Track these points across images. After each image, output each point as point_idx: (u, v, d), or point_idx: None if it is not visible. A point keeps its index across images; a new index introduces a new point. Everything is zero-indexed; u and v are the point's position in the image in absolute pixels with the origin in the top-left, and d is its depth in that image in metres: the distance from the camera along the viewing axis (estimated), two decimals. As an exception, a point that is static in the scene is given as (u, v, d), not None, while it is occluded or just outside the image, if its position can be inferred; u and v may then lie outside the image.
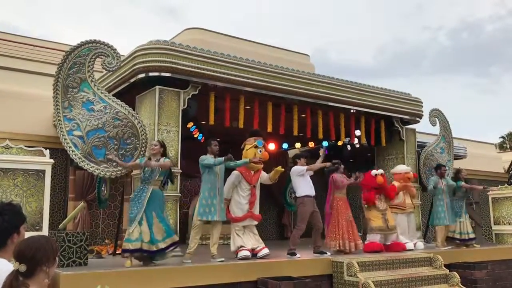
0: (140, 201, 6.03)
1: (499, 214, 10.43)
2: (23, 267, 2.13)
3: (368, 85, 9.80)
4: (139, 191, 6.15)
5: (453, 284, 7.27)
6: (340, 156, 10.34)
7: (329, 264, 6.84)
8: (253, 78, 8.04)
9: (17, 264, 2.13)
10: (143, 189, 6.13)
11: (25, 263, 2.14)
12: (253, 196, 6.99)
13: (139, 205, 6.01)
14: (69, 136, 6.65)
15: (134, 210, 6.01)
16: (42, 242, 2.24)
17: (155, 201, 6.10)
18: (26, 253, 2.16)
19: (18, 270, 2.13)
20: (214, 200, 6.56)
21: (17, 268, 2.13)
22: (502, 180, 16.73)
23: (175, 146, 7.24)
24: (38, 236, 2.31)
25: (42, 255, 2.19)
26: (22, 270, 2.13)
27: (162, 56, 7.24)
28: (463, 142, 15.42)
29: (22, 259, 2.15)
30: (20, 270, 2.13)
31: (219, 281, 5.87)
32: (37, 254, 2.18)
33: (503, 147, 34.80)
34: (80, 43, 6.88)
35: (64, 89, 6.71)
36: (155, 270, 5.60)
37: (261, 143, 7.08)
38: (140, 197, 6.08)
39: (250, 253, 6.70)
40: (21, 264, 2.13)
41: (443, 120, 11.04)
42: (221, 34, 13.98)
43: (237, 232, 6.90)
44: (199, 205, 6.55)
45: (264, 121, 8.41)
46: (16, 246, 2.21)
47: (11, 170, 5.78)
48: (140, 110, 7.55)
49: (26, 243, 2.22)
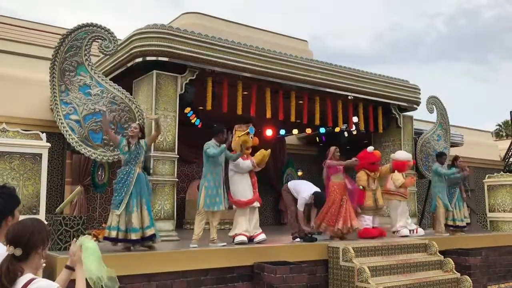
0: (127, 184, 5.84)
1: (495, 201, 10.50)
2: (18, 252, 2.12)
3: (366, 72, 9.78)
4: (125, 173, 5.91)
5: (447, 270, 7.35)
6: (337, 142, 10.35)
7: (325, 249, 6.89)
8: (251, 64, 8.01)
9: (12, 249, 2.12)
10: (129, 171, 5.91)
11: (21, 247, 2.13)
12: (253, 177, 7.05)
13: (125, 188, 5.82)
14: (66, 120, 6.63)
15: (120, 195, 5.81)
16: (35, 225, 2.22)
17: (142, 186, 5.94)
18: (22, 237, 2.15)
19: (13, 254, 2.12)
20: (219, 190, 6.57)
21: (13, 253, 2.12)
22: (498, 168, 16.82)
23: (172, 131, 7.22)
24: (30, 219, 2.28)
25: (37, 237, 2.19)
26: (17, 254, 2.12)
27: (159, 40, 7.18)
28: (459, 129, 15.46)
29: (17, 243, 2.13)
30: (15, 255, 2.12)
31: (216, 265, 5.92)
32: (32, 237, 2.17)
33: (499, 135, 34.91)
34: (76, 26, 6.82)
35: (61, 72, 6.68)
36: (152, 254, 5.63)
37: (253, 130, 7.13)
38: (126, 179, 5.87)
39: (247, 238, 6.74)
40: (17, 248, 2.12)
41: (440, 107, 11.06)
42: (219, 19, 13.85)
43: (243, 215, 6.91)
44: (205, 195, 6.51)
45: (261, 107, 8.40)
46: (9, 230, 2.19)
47: (7, 154, 5.76)
48: (137, 95, 7.52)
49: (21, 227, 2.19)
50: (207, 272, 5.86)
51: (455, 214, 9.27)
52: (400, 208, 8.73)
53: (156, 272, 5.49)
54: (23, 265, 2.14)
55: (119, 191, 5.86)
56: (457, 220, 9.26)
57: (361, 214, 8.16)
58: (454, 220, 9.26)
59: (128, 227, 5.77)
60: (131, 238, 5.75)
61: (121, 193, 5.83)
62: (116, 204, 5.81)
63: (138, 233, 5.77)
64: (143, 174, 6.07)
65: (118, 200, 5.82)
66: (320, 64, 9.01)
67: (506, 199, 10.32)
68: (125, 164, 5.99)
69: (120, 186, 5.87)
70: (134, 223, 5.75)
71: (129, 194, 5.82)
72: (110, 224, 5.81)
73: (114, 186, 5.96)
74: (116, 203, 5.81)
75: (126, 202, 5.78)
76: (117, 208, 5.79)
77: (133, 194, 5.85)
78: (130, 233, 5.76)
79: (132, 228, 5.74)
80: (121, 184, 5.87)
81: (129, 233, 5.76)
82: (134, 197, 5.84)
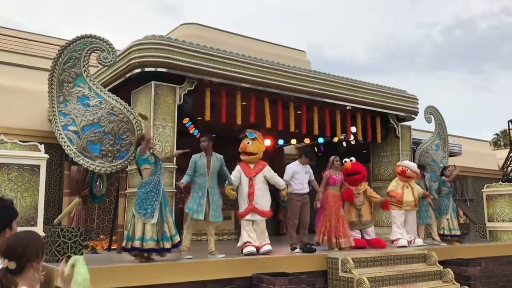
0: (157, 193, 5.91)
1: (493, 211, 10.48)
2: (12, 265, 2.08)
3: (363, 82, 9.82)
4: (155, 183, 5.98)
5: (447, 280, 7.31)
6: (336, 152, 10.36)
7: (324, 260, 6.86)
8: (250, 74, 8.03)
9: (6, 262, 2.08)
10: (158, 181, 6.03)
11: (15, 260, 2.09)
12: (250, 188, 7.00)
13: (157, 197, 5.88)
14: (64, 131, 6.62)
15: (153, 204, 5.83)
16: (30, 237, 2.19)
17: (165, 195, 6.11)
18: (16, 250, 2.11)
19: (7, 267, 2.08)
20: (201, 200, 6.58)
21: (6, 266, 2.08)
22: (497, 177, 16.83)
23: (170, 141, 7.21)
24: (25, 232, 2.25)
25: (32, 250, 2.15)
26: (11, 267, 2.09)
27: (158, 51, 7.20)
28: (458, 139, 15.49)
29: (11, 256, 2.10)
30: (9, 268, 2.08)
31: (214, 277, 5.88)
32: (27, 250, 2.13)
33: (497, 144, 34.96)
34: (75, 37, 6.84)
35: (59, 83, 6.68)
36: (149, 266, 5.59)
37: (252, 135, 7.12)
38: (157, 189, 5.94)
39: (255, 249, 6.72)
40: (11, 262, 2.08)
41: (438, 117, 11.08)
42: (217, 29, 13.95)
43: (245, 227, 6.92)
44: (190, 203, 6.63)
45: (260, 117, 8.41)
46: (3, 243, 2.15)
47: (5, 165, 5.75)
48: (135, 105, 7.53)
49: (15, 239, 2.16)
50: (206, 284, 5.83)
51: (450, 224, 9.29)
52: (396, 217, 8.72)
53: (155, 284, 5.45)
54: (17, 279, 2.10)
55: (151, 200, 5.87)
56: (453, 229, 9.28)
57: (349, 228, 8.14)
58: (450, 229, 9.27)
59: (159, 236, 5.80)
60: (165, 247, 5.81)
61: (155, 202, 5.87)
62: (151, 213, 5.80)
63: (169, 241, 5.87)
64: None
65: (152, 209, 5.82)
66: (318, 75, 9.04)
67: (505, 208, 10.30)
68: (153, 174, 6.06)
69: (152, 195, 5.89)
70: (167, 232, 5.85)
71: (159, 204, 5.89)
72: (144, 235, 5.74)
73: (142, 195, 5.93)
74: (151, 212, 5.81)
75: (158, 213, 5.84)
76: (152, 217, 5.79)
77: (162, 203, 5.96)
78: (163, 242, 5.81)
79: (165, 237, 5.82)
80: (153, 194, 5.90)
81: (161, 242, 5.80)
82: (164, 207, 5.95)
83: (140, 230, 5.78)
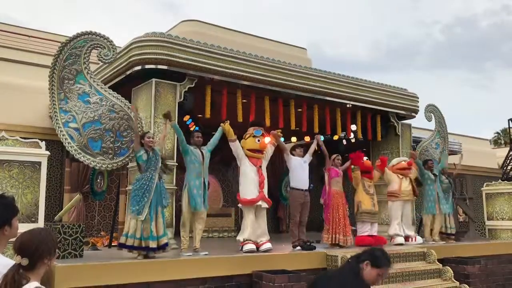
0: (148, 190, 5.82)
1: (493, 209, 10.50)
2: (25, 261, 2.13)
3: (364, 80, 9.83)
4: (146, 179, 5.89)
5: (446, 278, 7.34)
6: (336, 150, 10.37)
7: (324, 257, 6.88)
8: (250, 72, 8.04)
9: (19, 258, 2.13)
10: (150, 177, 5.91)
11: (27, 257, 2.14)
12: (261, 176, 6.98)
13: (147, 194, 5.80)
14: (65, 128, 6.64)
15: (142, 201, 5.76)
16: (43, 235, 2.24)
17: (158, 194, 5.95)
18: (29, 247, 2.16)
19: (20, 263, 2.13)
20: (199, 191, 6.42)
21: (19, 262, 2.13)
22: (496, 176, 16.84)
23: (171, 139, 7.23)
24: (38, 229, 2.31)
25: (44, 248, 2.20)
26: (24, 264, 2.13)
27: (158, 48, 7.21)
28: (458, 137, 15.50)
29: (24, 252, 2.15)
30: (22, 264, 2.13)
31: (215, 274, 5.90)
32: (40, 247, 2.18)
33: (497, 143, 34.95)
34: (76, 34, 6.85)
35: (60, 80, 6.70)
36: (150, 263, 5.61)
37: (259, 132, 7.13)
38: (148, 185, 5.84)
39: (255, 246, 6.70)
40: (23, 258, 2.13)
41: (438, 115, 11.10)
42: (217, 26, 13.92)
43: (247, 219, 6.85)
44: (189, 196, 6.36)
45: (260, 115, 8.41)
46: (17, 240, 2.21)
47: (6, 162, 5.76)
48: (136, 103, 7.54)
49: (28, 236, 2.21)
50: (206, 281, 5.84)
51: (447, 221, 9.32)
52: (393, 209, 8.79)
53: (155, 281, 5.47)
54: (29, 275, 2.15)
55: (141, 197, 5.81)
56: (449, 228, 9.31)
57: (359, 220, 8.17)
58: (447, 227, 9.30)
59: (144, 234, 5.75)
60: (150, 246, 5.76)
61: (143, 199, 5.81)
62: (139, 210, 5.76)
63: (155, 241, 5.80)
64: (159, 183, 6.05)
65: (140, 206, 5.77)
66: (318, 73, 9.05)
67: (504, 207, 10.32)
68: (145, 170, 5.97)
69: (142, 192, 5.83)
70: (153, 231, 5.78)
71: (150, 201, 5.82)
72: (128, 231, 5.77)
73: (133, 192, 5.90)
74: (139, 209, 5.76)
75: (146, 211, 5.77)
76: (140, 213, 5.75)
77: (153, 201, 5.87)
78: (148, 240, 5.75)
79: (151, 236, 5.76)
80: (143, 190, 5.84)
81: (146, 241, 5.75)
82: (154, 205, 5.87)
83: (127, 225, 5.84)
